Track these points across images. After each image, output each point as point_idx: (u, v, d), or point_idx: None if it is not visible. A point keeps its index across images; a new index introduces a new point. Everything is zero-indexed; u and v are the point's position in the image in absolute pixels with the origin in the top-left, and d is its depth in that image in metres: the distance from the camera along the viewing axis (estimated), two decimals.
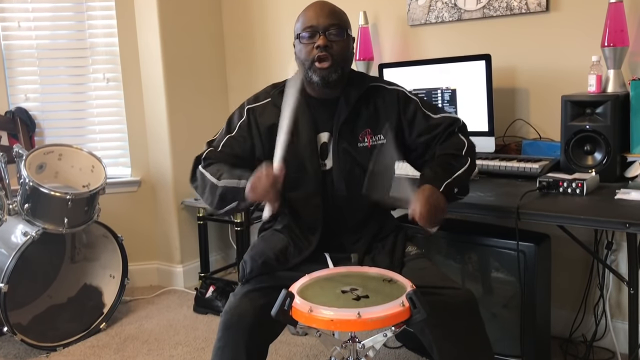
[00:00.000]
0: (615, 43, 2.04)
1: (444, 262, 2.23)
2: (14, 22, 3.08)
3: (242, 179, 1.53)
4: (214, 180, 1.60)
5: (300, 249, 1.67)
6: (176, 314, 2.96)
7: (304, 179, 1.66)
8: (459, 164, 1.62)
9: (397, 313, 1.24)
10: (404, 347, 2.42)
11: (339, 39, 1.63)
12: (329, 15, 1.63)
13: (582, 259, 2.33)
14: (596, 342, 2.27)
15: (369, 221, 1.72)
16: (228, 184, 1.57)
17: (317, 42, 1.60)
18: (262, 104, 1.73)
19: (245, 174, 1.54)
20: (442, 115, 1.72)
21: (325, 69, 1.61)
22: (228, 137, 1.72)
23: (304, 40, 1.63)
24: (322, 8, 1.65)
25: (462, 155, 1.65)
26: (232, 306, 1.53)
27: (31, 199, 2.53)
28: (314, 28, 1.61)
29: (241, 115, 1.73)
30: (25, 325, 2.61)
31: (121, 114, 3.24)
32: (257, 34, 3.30)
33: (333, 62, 1.61)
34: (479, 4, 2.48)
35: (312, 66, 1.62)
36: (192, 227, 3.29)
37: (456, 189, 1.60)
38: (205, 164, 1.69)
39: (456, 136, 1.70)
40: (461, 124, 1.73)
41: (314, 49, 1.61)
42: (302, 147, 1.66)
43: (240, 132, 1.71)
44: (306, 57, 1.63)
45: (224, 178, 1.59)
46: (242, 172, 1.57)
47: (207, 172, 1.64)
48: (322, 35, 1.60)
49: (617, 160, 1.98)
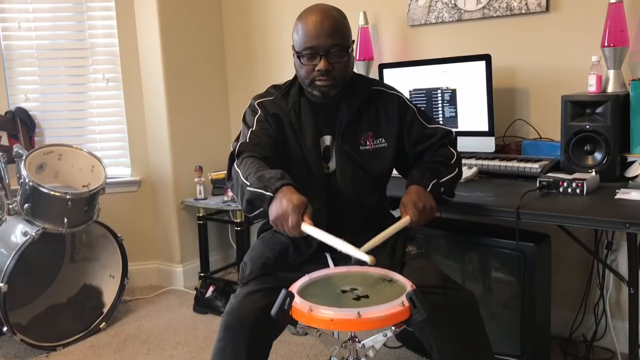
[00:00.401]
0: (615, 43, 2.04)
1: (444, 262, 2.23)
2: (14, 22, 3.09)
3: (268, 186, 1.43)
4: (244, 180, 1.49)
5: (300, 250, 1.67)
6: (176, 313, 2.96)
7: (308, 182, 1.66)
8: (446, 171, 1.65)
9: (397, 313, 1.23)
10: (404, 347, 2.42)
11: (341, 60, 1.60)
12: (331, 34, 1.57)
13: (582, 259, 2.33)
14: (596, 342, 2.27)
15: (370, 222, 1.72)
16: (255, 189, 1.44)
17: (319, 66, 1.58)
18: (269, 99, 1.72)
19: (271, 180, 1.43)
20: (436, 126, 1.75)
21: (325, 86, 1.60)
22: (251, 131, 1.65)
23: (304, 60, 1.61)
24: (322, 25, 1.57)
25: (450, 164, 1.68)
26: (233, 307, 1.53)
27: (31, 198, 2.53)
28: (315, 50, 1.58)
29: (254, 111, 1.70)
30: (25, 325, 2.61)
31: (121, 114, 3.24)
32: (257, 34, 3.30)
33: (334, 82, 1.60)
34: (479, 4, 2.48)
35: (312, 84, 1.62)
36: (192, 227, 3.29)
37: (442, 188, 1.62)
38: (240, 158, 1.58)
39: (446, 147, 1.73)
40: (453, 137, 1.76)
41: (314, 70, 1.59)
42: (307, 150, 1.66)
43: (260, 125, 1.66)
44: (306, 76, 1.62)
45: (251, 179, 1.48)
46: (271, 173, 1.46)
47: (240, 170, 1.54)
48: (324, 59, 1.57)
49: (617, 160, 1.98)
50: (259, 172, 1.47)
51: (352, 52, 1.66)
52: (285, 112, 1.68)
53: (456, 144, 1.77)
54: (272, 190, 1.40)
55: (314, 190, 1.66)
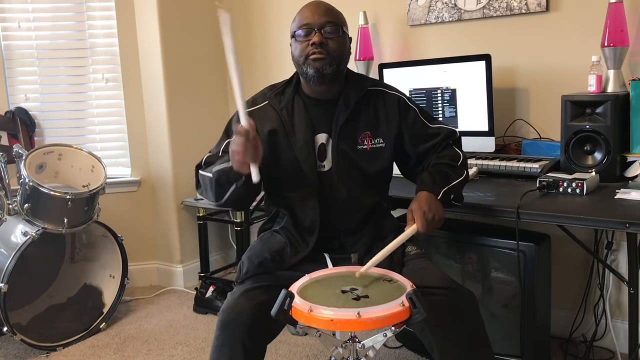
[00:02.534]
0: (615, 43, 2.04)
1: (444, 262, 2.23)
2: (14, 22, 3.08)
3: (230, 160, 1.52)
4: (208, 174, 1.61)
5: (297, 249, 1.67)
6: (176, 314, 2.96)
7: (299, 180, 1.66)
8: (455, 174, 1.64)
9: (397, 313, 1.24)
10: (404, 347, 2.42)
11: (335, 36, 1.62)
12: (325, 14, 1.63)
13: (582, 259, 2.33)
14: (596, 342, 2.27)
15: (368, 223, 1.72)
16: (218, 168, 1.58)
17: (313, 39, 1.60)
18: (260, 107, 1.72)
19: (226, 157, 1.55)
20: (439, 125, 1.74)
21: (319, 59, 1.60)
22: (227, 141, 1.69)
23: (299, 38, 1.63)
24: (318, 7, 1.65)
25: (458, 166, 1.67)
26: (230, 305, 1.54)
27: (31, 198, 2.53)
28: (310, 26, 1.61)
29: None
30: (25, 325, 2.61)
31: (121, 114, 3.24)
32: (257, 34, 3.30)
33: (328, 56, 1.61)
34: (479, 4, 2.48)
35: (307, 61, 1.62)
36: (192, 227, 3.29)
37: (452, 195, 1.61)
38: (204, 169, 1.68)
39: (452, 148, 1.72)
40: (457, 137, 1.76)
41: (309, 45, 1.61)
42: (298, 148, 1.65)
43: None
44: (301, 53, 1.63)
45: (215, 167, 1.60)
46: (226, 157, 1.58)
47: (204, 172, 1.65)
48: (318, 33, 1.60)
49: (617, 160, 1.98)
50: (220, 160, 1.62)
51: (347, 37, 1.68)
52: (277, 112, 1.68)
53: (461, 144, 1.76)
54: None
55: (306, 188, 1.66)
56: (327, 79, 1.62)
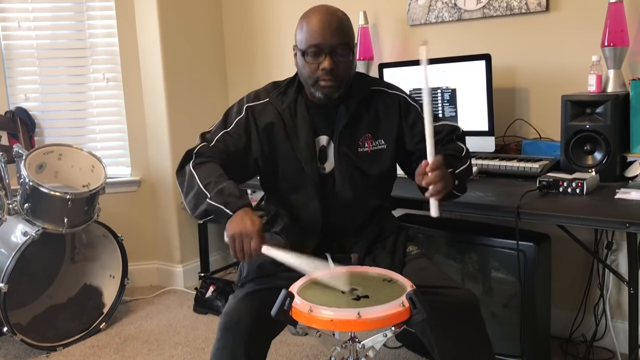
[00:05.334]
0: (615, 43, 2.04)
1: (444, 262, 2.23)
2: (14, 22, 3.08)
3: (228, 203, 1.47)
4: (203, 189, 1.53)
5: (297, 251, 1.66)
6: (176, 314, 2.96)
7: (301, 181, 1.66)
8: (459, 163, 1.63)
9: (397, 313, 1.23)
10: (404, 347, 2.42)
11: (345, 59, 1.59)
12: (336, 33, 1.56)
13: (582, 259, 2.33)
14: (596, 342, 2.27)
15: (369, 225, 1.71)
16: (214, 203, 1.48)
17: (323, 65, 1.56)
18: (261, 103, 1.71)
19: (232, 197, 1.48)
20: (442, 123, 1.73)
21: (329, 87, 1.58)
22: (223, 132, 1.68)
23: (308, 58, 1.59)
24: (329, 23, 1.56)
25: (462, 156, 1.66)
26: (231, 307, 1.53)
27: (31, 198, 2.53)
28: (320, 47, 1.56)
29: (239, 111, 1.71)
30: (25, 325, 2.61)
31: (121, 113, 3.24)
32: (258, 33, 3.30)
33: (337, 82, 1.58)
34: (479, 4, 2.48)
35: (316, 84, 1.59)
36: (192, 227, 3.29)
37: (456, 181, 1.58)
38: (197, 161, 1.63)
39: (455, 143, 1.71)
40: (461, 132, 1.74)
41: (318, 69, 1.57)
42: (300, 150, 1.65)
43: (236, 129, 1.69)
44: (309, 75, 1.60)
45: (211, 190, 1.51)
46: (230, 189, 1.50)
47: (197, 174, 1.57)
48: (328, 57, 1.55)
49: (617, 160, 1.98)
50: (219, 184, 1.52)
51: (355, 54, 1.65)
52: (278, 112, 1.67)
53: (465, 139, 1.74)
54: (233, 209, 1.46)
55: (307, 190, 1.65)
56: (333, 100, 1.62)
